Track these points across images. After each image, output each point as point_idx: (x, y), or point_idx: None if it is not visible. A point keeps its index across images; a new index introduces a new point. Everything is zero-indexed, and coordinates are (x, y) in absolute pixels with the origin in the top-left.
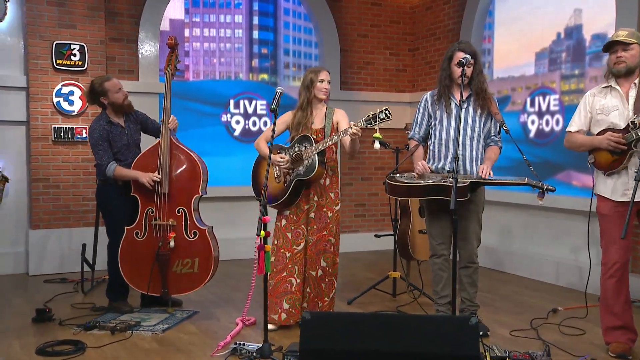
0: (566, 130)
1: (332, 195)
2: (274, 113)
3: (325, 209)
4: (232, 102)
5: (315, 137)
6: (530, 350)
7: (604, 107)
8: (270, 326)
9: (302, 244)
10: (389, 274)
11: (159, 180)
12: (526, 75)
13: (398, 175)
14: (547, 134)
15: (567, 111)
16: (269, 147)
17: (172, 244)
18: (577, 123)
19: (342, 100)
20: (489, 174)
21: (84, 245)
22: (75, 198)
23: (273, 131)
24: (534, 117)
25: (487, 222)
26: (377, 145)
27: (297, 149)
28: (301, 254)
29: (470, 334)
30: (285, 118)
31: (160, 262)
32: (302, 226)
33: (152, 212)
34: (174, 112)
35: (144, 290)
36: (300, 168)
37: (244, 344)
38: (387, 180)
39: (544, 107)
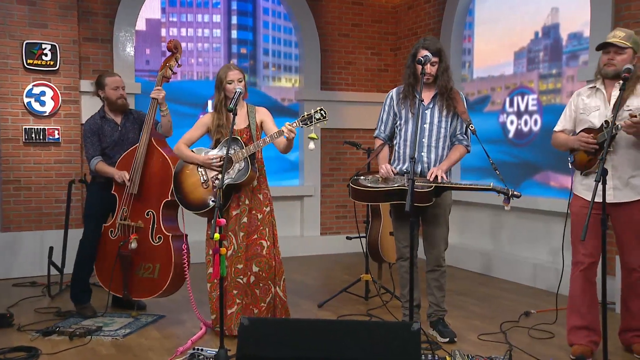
0: (553, 129)
1: (260, 196)
2: (232, 113)
3: (254, 212)
4: (210, 102)
5: (240, 137)
6: (493, 355)
7: (586, 107)
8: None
9: (230, 251)
10: (361, 276)
11: (126, 179)
12: (505, 75)
13: (362, 178)
14: (525, 134)
15: (546, 111)
16: (192, 151)
17: (133, 245)
18: (561, 122)
19: (322, 101)
20: (442, 177)
21: (51, 248)
22: (47, 200)
23: (231, 131)
24: (512, 117)
25: (464, 224)
26: (311, 145)
27: (224, 151)
28: (230, 259)
29: (411, 340)
30: (205, 120)
31: (122, 262)
32: (230, 233)
33: (126, 212)
34: None
35: (108, 288)
36: (230, 172)
37: (202, 350)
38: (350, 184)
39: (522, 107)
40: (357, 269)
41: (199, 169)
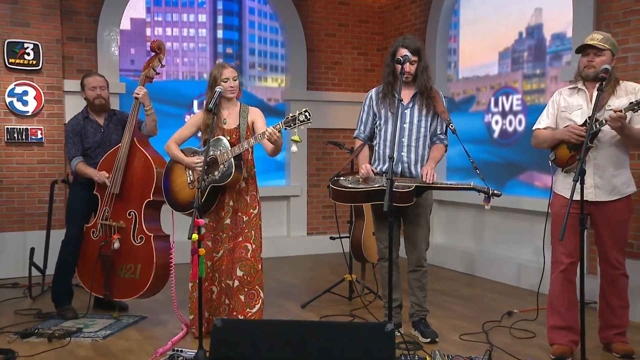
0: (533, 128)
1: (247, 198)
2: (211, 112)
3: (240, 214)
4: (195, 102)
5: (229, 137)
6: (473, 355)
7: (568, 105)
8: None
9: (221, 252)
10: (345, 277)
11: (105, 180)
12: (490, 75)
13: (342, 178)
14: (510, 134)
15: (530, 111)
16: (182, 150)
17: (116, 245)
18: (544, 120)
19: (309, 101)
20: (433, 176)
21: (32, 249)
22: (30, 201)
23: (211, 131)
24: (497, 117)
25: (450, 224)
26: (294, 148)
27: (211, 152)
28: (221, 261)
29: (385, 341)
30: (195, 119)
31: (104, 263)
32: (220, 233)
33: (108, 212)
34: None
35: (89, 289)
36: (216, 173)
37: (181, 351)
38: (331, 185)
39: (507, 107)
40: (343, 269)
41: (187, 170)
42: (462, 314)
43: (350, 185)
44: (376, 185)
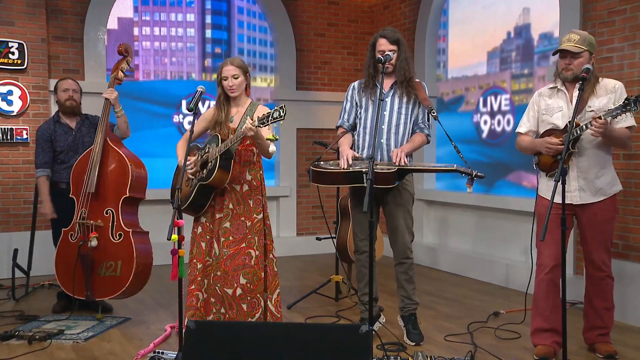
0: (516, 131)
1: (251, 202)
2: (192, 112)
3: (243, 219)
4: (184, 102)
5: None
6: (456, 356)
7: (548, 108)
8: None
9: (212, 257)
10: (331, 277)
11: (50, 214)
12: (479, 75)
13: (323, 162)
14: (498, 134)
15: (518, 111)
16: (190, 147)
17: (93, 243)
18: (525, 124)
19: (298, 101)
20: (403, 159)
21: (16, 250)
22: (15, 201)
23: (191, 132)
24: (486, 117)
25: (438, 223)
26: (272, 147)
27: (206, 149)
28: (212, 267)
29: (360, 343)
30: (206, 115)
31: (84, 263)
32: (219, 237)
33: (85, 213)
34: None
35: (71, 292)
36: (204, 171)
37: (162, 353)
38: (311, 167)
39: (495, 107)
40: (331, 270)
41: None
42: (449, 314)
43: (330, 168)
44: (356, 168)
